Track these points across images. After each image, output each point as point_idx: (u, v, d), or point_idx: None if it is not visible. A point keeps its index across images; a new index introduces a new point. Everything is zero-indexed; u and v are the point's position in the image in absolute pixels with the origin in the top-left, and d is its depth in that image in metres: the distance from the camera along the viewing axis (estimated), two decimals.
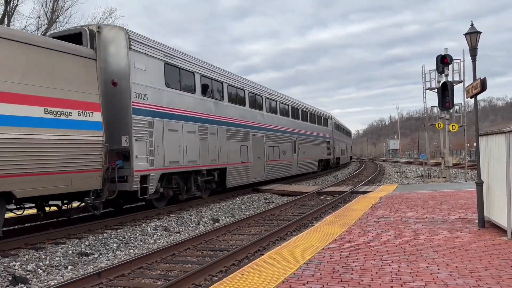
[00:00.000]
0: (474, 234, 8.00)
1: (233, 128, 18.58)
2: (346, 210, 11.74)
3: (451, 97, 21.24)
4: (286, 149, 25.57)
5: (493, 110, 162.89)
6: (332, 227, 9.09)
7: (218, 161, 16.84)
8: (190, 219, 12.95)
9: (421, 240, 7.63)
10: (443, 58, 21.56)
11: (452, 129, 22.81)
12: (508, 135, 7.42)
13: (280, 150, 24.50)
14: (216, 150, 16.79)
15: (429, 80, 23.29)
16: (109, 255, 9.02)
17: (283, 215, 13.55)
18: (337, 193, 18.36)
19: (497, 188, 8.11)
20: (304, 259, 6.39)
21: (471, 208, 11.17)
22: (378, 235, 8.16)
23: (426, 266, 5.90)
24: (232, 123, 18.52)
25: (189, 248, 9.01)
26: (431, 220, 9.74)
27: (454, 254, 6.52)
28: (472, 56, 8.97)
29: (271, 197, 18.93)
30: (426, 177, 27.05)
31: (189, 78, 15.30)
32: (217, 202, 16.49)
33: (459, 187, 18.02)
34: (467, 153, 40.31)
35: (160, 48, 13.75)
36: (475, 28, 8.93)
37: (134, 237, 10.45)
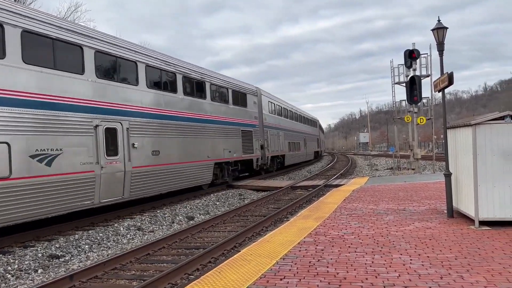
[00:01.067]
0: (443, 224, 8.26)
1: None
2: (320, 203, 11.88)
3: (419, 91, 21.77)
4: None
5: (458, 103, 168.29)
6: (307, 221, 9.18)
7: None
8: (164, 217, 12.80)
9: (393, 231, 7.81)
10: (411, 52, 22.05)
11: (420, 122, 23.42)
12: (475, 128, 7.68)
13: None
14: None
15: (397, 74, 23.83)
16: (81, 256, 8.81)
17: (258, 210, 13.59)
18: (311, 187, 18.56)
19: (464, 179, 8.39)
20: (281, 254, 6.43)
21: (440, 199, 11.51)
22: (351, 227, 8.30)
23: (399, 257, 6.04)
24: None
25: (164, 247, 8.91)
26: (402, 211, 9.98)
27: (425, 244, 6.71)
28: (439, 50, 9.20)
29: (246, 193, 18.94)
30: (396, 169, 27.71)
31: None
32: (191, 199, 16.36)
33: (427, 178, 18.54)
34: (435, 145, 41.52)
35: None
36: (442, 24, 9.16)
37: (107, 238, 10.24)
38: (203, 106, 17.92)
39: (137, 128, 13.19)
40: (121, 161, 12.27)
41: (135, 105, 13.33)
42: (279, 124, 30.18)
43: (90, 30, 12.59)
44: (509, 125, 7.55)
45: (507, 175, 7.54)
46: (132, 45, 14.11)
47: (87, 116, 11.28)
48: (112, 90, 12.42)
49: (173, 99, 15.59)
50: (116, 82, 12.76)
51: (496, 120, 7.65)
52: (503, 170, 7.56)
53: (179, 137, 15.72)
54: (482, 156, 7.65)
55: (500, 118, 7.64)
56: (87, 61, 11.57)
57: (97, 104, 11.69)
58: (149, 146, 13.71)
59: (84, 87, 11.35)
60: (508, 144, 7.54)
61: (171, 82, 15.88)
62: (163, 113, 14.79)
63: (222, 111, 19.60)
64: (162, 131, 14.61)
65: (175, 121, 15.53)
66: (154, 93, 14.53)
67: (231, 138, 20.35)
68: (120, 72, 13.19)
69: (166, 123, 14.88)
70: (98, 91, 11.85)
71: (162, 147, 14.43)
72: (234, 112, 21.06)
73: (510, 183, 7.53)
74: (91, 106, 11.48)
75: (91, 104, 11.49)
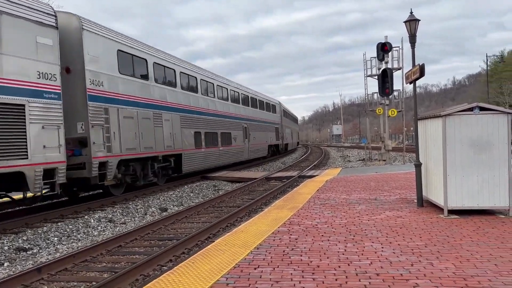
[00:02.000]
0: (413, 213, 8.45)
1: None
2: (294, 194, 11.95)
3: (390, 83, 22.15)
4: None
5: (428, 96, 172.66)
6: (281, 211, 9.21)
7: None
8: (136, 209, 12.60)
9: (365, 220, 7.93)
10: (383, 45, 22.37)
11: (392, 114, 23.90)
12: (445, 119, 7.85)
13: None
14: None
15: (370, 67, 24.20)
16: (50, 249, 8.56)
17: (232, 201, 13.55)
18: (285, 178, 18.66)
19: (434, 169, 8.59)
20: (255, 244, 6.42)
21: (410, 188, 11.78)
22: (325, 217, 8.38)
23: (371, 245, 6.14)
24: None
25: (136, 238, 8.76)
26: (374, 201, 10.16)
27: (396, 233, 6.84)
28: (411, 42, 9.34)
29: (220, 184, 18.88)
30: (367, 161, 28.24)
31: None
32: (164, 191, 16.16)
33: (398, 169, 18.96)
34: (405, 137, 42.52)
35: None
36: (414, 16, 9.29)
37: (77, 230, 9.99)
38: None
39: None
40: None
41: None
42: (156, 99, 16.51)
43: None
44: (478, 116, 7.76)
45: (475, 165, 7.76)
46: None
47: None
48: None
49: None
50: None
51: (465, 111, 7.84)
52: (471, 160, 7.78)
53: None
54: (451, 147, 7.83)
55: (469, 109, 7.84)
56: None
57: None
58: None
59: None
60: (477, 135, 7.75)
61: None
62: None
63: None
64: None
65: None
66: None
67: None
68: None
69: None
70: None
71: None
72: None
73: (478, 173, 7.75)
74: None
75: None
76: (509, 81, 67.30)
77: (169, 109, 17.33)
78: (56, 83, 11.16)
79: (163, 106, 16.84)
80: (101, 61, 13.28)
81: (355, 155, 40.20)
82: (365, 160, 29.21)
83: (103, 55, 13.38)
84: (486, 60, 55.52)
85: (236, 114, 26.95)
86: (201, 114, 20.83)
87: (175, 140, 17.49)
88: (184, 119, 18.73)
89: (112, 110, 13.40)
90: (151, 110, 15.92)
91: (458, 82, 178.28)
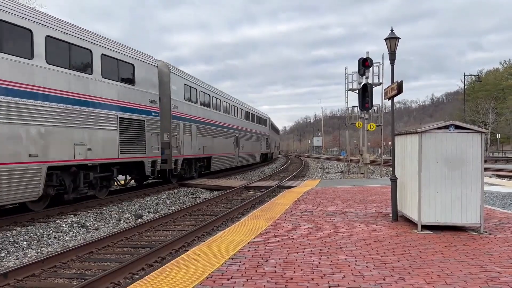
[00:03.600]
0: (388, 227, 8.54)
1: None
2: (272, 204, 11.95)
3: (370, 98, 22.50)
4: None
5: (407, 112, 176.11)
6: (258, 221, 9.18)
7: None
8: (110, 215, 12.36)
9: (340, 233, 7.97)
10: (364, 61, 22.74)
11: (370, 128, 24.25)
12: (421, 135, 8.00)
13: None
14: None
15: (351, 81, 24.53)
16: (18, 253, 8.30)
17: (210, 210, 13.45)
18: (264, 187, 18.65)
19: (409, 184, 8.72)
20: (230, 254, 6.37)
21: (386, 202, 11.92)
22: (301, 228, 8.39)
23: (345, 258, 6.16)
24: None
25: (109, 245, 8.58)
26: (350, 213, 10.23)
27: (370, 246, 6.89)
28: (391, 60, 9.52)
29: (199, 192, 18.72)
30: (346, 173, 28.50)
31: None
32: (140, 197, 15.93)
33: (375, 182, 19.19)
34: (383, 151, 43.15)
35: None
36: (394, 34, 9.48)
37: (47, 234, 9.73)
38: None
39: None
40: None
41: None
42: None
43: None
44: (453, 134, 7.94)
45: (448, 181, 7.92)
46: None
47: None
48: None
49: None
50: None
51: (441, 129, 8.01)
52: (445, 176, 7.93)
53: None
54: (426, 163, 7.98)
55: (444, 127, 8.01)
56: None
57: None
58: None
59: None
60: (451, 152, 7.92)
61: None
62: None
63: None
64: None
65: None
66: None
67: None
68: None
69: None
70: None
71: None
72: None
73: (451, 190, 7.90)
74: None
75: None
76: (485, 101, 69.39)
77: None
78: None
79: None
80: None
81: (334, 167, 40.54)
82: (344, 172, 29.48)
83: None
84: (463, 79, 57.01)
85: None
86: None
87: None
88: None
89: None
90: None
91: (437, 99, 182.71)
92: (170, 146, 18.52)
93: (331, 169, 37.06)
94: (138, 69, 15.97)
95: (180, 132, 19.68)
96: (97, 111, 13.30)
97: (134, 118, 15.50)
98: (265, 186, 19.11)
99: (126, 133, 14.91)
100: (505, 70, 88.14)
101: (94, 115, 13.16)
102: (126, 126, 14.90)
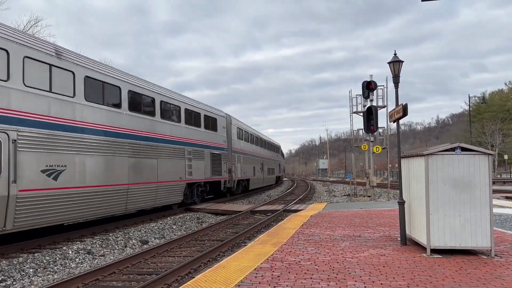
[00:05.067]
0: (397, 252, 8.42)
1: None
2: (279, 228, 11.84)
3: (375, 120, 22.54)
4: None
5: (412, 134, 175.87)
6: (264, 246, 9.09)
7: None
8: (116, 241, 12.30)
9: (348, 257, 7.87)
10: (368, 84, 22.92)
11: (376, 150, 24.18)
12: (427, 158, 7.98)
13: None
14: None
15: (355, 104, 24.65)
16: (24, 281, 8.25)
17: (216, 235, 13.34)
18: (270, 211, 18.52)
19: (417, 207, 8.64)
20: (236, 281, 6.29)
21: (394, 226, 11.78)
22: (308, 253, 8.29)
23: (354, 284, 6.06)
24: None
25: (115, 272, 8.50)
26: (358, 238, 10.11)
27: (379, 271, 6.79)
28: (395, 83, 9.60)
29: (204, 217, 18.62)
30: (352, 196, 28.27)
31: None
32: (146, 222, 15.87)
33: (382, 205, 19.00)
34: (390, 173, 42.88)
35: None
36: (398, 57, 9.59)
37: (54, 261, 9.68)
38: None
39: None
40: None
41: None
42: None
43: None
44: (459, 156, 7.91)
45: (457, 204, 7.84)
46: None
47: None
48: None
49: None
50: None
51: (447, 151, 7.99)
52: (453, 199, 7.86)
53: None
54: (433, 185, 7.93)
55: (451, 149, 7.99)
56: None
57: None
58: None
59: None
60: (458, 175, 7.88)
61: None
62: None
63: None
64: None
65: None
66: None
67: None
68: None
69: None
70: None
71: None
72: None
73: (460, 212, 7.82)
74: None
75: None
76: (491, 122, 69.17)
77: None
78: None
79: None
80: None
81: (340, 190, 40.25)
82: (350, 195, 29.25)
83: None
84: (468, 101, 57.07)
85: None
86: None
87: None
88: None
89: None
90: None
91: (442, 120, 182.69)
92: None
93: (337, 192, 36.79)
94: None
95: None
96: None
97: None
98: (271, 210, 18.98)
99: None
100: (510, 91, 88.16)
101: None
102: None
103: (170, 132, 17.89)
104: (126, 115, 14.71)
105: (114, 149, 13.80)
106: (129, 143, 14.65)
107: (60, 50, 12.09)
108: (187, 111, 19.99)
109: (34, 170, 10.48)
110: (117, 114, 14.20)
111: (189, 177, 19.62)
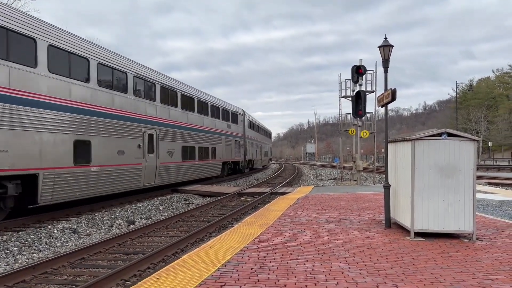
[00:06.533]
0: (381, 234, 8.55)
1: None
2: (266, 211, 11.93)
3: (363, 105, 22.63)
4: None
5: (399, 119, 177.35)
6: (251, 227, 9.15)
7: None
8: (102, 221, 12.26)
9: (333, 239, 7.97)
10: (358, 68, 22.90)
11: (364, 135, 24.35)
12: (414, 143, 8.05)
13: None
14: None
15: (344, 88, 24.65)
16: (9, 259, 8.20)
17: (203, 216, 13.39)
18: (257, 194, 18.62)
19: (402, 191, 8.75)
20: (223, 261, 6.34)
21: (379, 209, 11.95)
22: (294, 235, 8.38)
23: (338, 265, 6.16)
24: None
25: (101, 251, 8.50)
26: (343, 220, 10.24)
27: (364, 253, 6.90)
28: (384, 67, 9.59)
29: (192, 198, 18.65)
30: (339, 180, 28.56)
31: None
32: (133, 203, 15.83)
33: (368, 189, 19.24)
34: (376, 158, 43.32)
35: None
36: (388, 42, 9.57)
37: (39, 240, 9.62)
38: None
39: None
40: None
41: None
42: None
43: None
44: (445, 141, 7.99)
45: (441, 189, 7.96)
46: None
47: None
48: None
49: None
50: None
51: (434, 137, 8.06)
52: (438, 184, 7.97)
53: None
54: (419, 170, 8.02)
55: (437, 134, 8.06)
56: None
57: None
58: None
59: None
60: (444, 160, 7.97)
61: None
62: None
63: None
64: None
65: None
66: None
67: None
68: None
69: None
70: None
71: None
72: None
73: (444, 197, 7.95)
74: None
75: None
76: (477, 109, 70.06)
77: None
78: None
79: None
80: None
81: (327, 173, 40.61)
82: (337, 179, 29.54)
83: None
84: (455, 87, 57.57)
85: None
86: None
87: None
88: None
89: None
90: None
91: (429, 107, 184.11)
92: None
93: (324, 176, 37.12)
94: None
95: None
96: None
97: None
98: (258, 192, 19.08)
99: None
100: (497, 79, 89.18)
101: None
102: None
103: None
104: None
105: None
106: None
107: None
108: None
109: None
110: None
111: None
